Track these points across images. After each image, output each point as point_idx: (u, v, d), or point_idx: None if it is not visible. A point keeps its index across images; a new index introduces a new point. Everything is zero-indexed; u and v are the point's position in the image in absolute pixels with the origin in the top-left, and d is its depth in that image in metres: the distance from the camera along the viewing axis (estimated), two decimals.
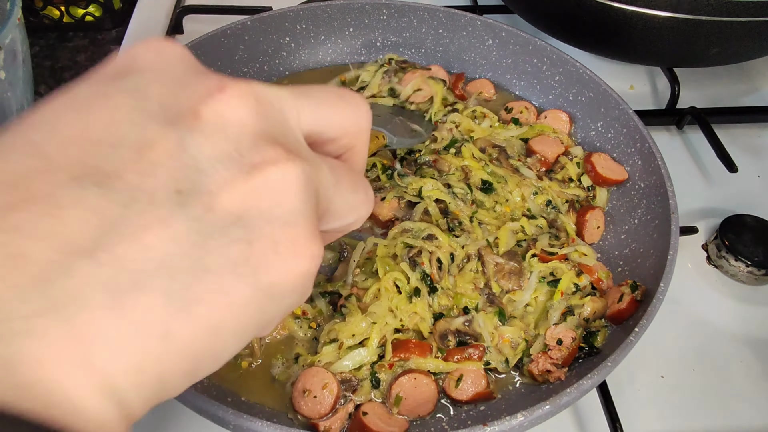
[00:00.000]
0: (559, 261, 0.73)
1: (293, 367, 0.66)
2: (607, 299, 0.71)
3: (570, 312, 0.69)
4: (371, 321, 0.67)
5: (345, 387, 0.64)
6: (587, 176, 0.83)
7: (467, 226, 0.76)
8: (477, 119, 0.89)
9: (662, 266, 0.65)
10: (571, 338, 0.66)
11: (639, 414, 0.69)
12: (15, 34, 0.70)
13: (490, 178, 0.80)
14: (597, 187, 0.83)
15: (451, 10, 0.96)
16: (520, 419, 0.53)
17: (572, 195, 0.82)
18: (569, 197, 0.81)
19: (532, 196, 0.80)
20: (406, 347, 0.66)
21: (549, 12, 0.97)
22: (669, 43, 0.88)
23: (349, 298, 0.69)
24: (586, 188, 0.83)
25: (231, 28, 0.91)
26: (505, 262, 0.73)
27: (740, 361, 0.74)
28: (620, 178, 0.81)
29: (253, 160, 0.29)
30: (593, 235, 0.79)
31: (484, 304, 0.70)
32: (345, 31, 0.99)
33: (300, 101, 0.34)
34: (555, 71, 0.91)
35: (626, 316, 0.67)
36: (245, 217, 0.29)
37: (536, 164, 0.84)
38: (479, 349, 0.67)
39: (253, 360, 0.66)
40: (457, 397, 0.65)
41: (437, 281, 0.70)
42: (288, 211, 0.30)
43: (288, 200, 0.30)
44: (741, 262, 0.78)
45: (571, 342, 0.66)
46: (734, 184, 0.92)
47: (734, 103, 1.06)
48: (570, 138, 0.88)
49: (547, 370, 0.65)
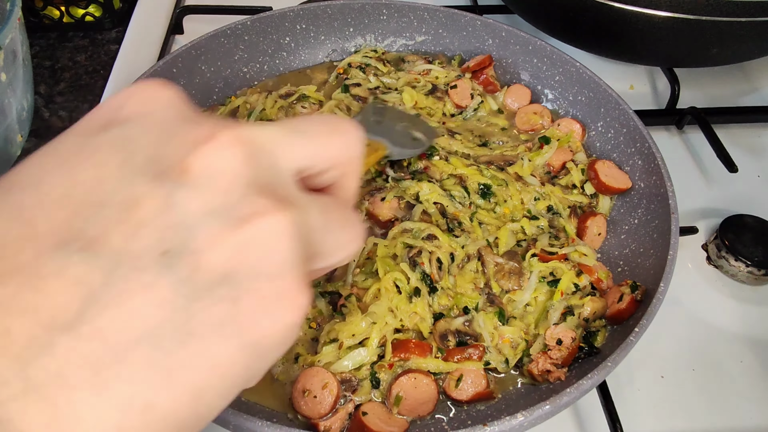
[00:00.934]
0: (558, 261, 0.73)
1: (293, 367, 0.66)
2: (607, 299, 0.71)
3: (570, 312, 0.69)
4: (371, 321, 0.67)
5: (345, 387, 0.64)
6: (590, 183, 0.82)
7: (467, 226, 0.76)
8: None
9: (662, 266, 0.65)
10: (571, 338, 0.66)
11: (639, 414, 0.69)
12: (15, 34, 0.70)
13: (490, 182, 0.79)
14: (600, 195, 0.82)
15: (451, 10, 0.96)
16: (520, 419, 0.53)
17: (575, 201, 0.81)
18: (571, 203, 0.81)
19: (533, 202, 0.79)
20: (406, 347, 0.66)
21: (549, 12, 0.97)
22: (669, 43, 0.88)
23: (349, 298, 0.69)
24: (589, 195, 0.82)
25: (231, 28, 0.91)
26: (505, 262, 0.73)
27: (740, 361, 0.74)
28: (623, 186, 0.80)
29: (242, 212, 0.28)
30: (594, 241, 0.78)
31: (484, 304, 0.70)
32: (345, 31, 0.99)
33: (292, 140, 0.33)
34: (555, 71, 0.91)
35: (626, 316, 0.67)
36: (231, 274, 0.28)
37: (541, 172, 0.83)
38: (479, 349, 0.67)
39: None
40: (457, 397, 0.65)
41: (437, 281, 0.70)
42: (276, 264, 0.29)
43: (276, 253, 0.29)
44: (741, 262, 0.78)
45: (570, 342, 0.66)
46: (734, 184, 0.92)
47: (734, 103, 1.06)
48: (583, 147, 0.87)
49: (547, 370, 0.65)
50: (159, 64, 0.84)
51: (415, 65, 0.96)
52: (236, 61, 0.93)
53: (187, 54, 0.87)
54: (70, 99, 1.03)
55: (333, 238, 0.34)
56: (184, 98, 0.33)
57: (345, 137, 0.36)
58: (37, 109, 1.00)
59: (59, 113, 1.01)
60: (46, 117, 1.00)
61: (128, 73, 1.03)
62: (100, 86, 1.03)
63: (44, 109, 1.01)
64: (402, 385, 0.64)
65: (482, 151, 0.85)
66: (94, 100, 1.01)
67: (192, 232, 0.27)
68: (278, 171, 0.32)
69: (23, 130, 0.77)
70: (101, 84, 1.03)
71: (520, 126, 0.91)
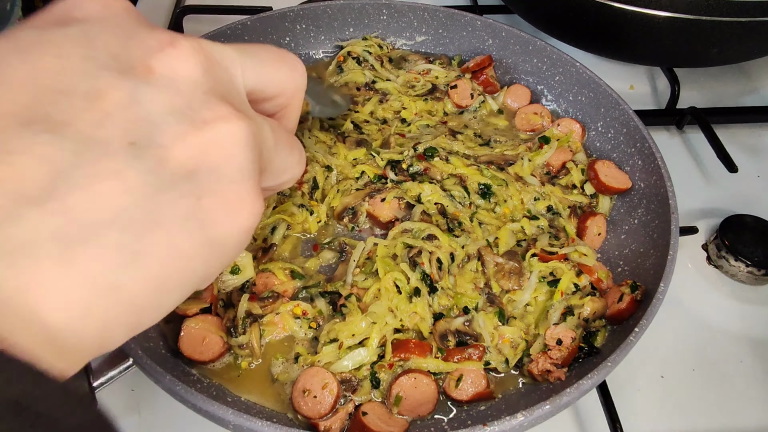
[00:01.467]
0: (558, 261, 0.73)
1: (293, 367, 0.66)
2: (607, 299, 0.71)
3: (570, 312, 0.69)
4: (371, 321, 0.67)
5: (345, 387, 0.64)
6: (590, 183, 0.82)
7: (467, 226, 0.76)
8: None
9: (662, 266, 0.65)
10: (571, 338, 0.66)
11: (639, 414, 0.69)
12: None
13: (490, 181, 0.79)
14: (600, 195, 0.82)
15: (451, 10, 0.96)
16: (520, 419, 0.53)
17: (574, 201, 0.81)
18: (571, 203, 0.81)
19: (533, 202, 0.79)
20: (406, 347, 0.66)
21: (549, 12, 0.97)
22: (669, 43, 0.88)
23: (349, 297, 0.69)
24: (589, 195, 0.82)
25: (231, 28, 0.91)
26: (505, 261, 0.73)
27: (740, 361, 0.74)
28: (623, 186, 0.80)
29: (205, 116, 0.30)
30: (594, 241, 0.78)
31: (484, 304, 0.70)
32: (345, 31, 0.99)
33: (245, 60, 0.35)
34: (555, 71, 0.91)
35: (626, 316, 0.67)
36: (195, 172, 0.29)
37: (541, 172, 0.83)
38: (479, 349, 0.67)
39: (253, 360, 0.66)
40: (457, 397, 0.65)
41: (437, 281, 0.70)
42: (235, 169, 0.31)
43: (236, 157, 0.31)
44: (741, 262, 0.78)
45: (570, 342, 0.66)
46: (734, 184, 0.92)
47: (734, 103, 1.06)
48: (583, 147, 0.87)
49: (547, 370, 0.65)
50: None
51: (416, 65, 0.96)
52: None
53: None
54: None
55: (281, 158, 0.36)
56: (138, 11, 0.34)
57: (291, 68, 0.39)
58: None
59: None
60: None
61: None
62: None
63: None
64: (402, 385, 0.64)
65: (483, 151, 0.85)
66: None
67: (158, 128, 0.28)
68: (233, 86, 0.33)
69: None
70: None
71: (520, 126, 0.91)
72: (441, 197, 0.77)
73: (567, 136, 0.87)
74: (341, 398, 0.63)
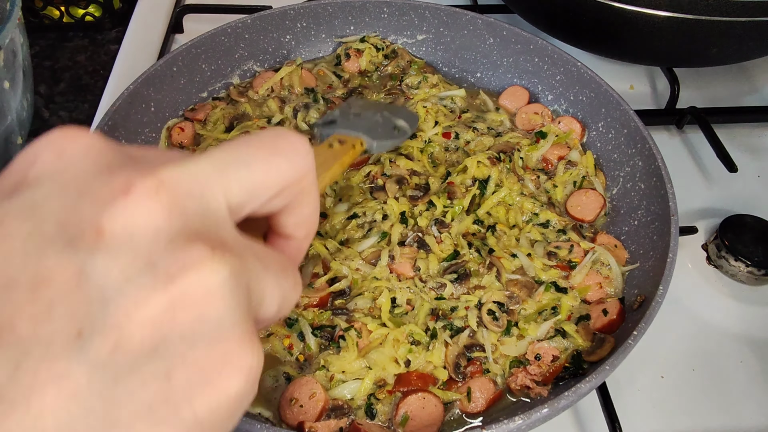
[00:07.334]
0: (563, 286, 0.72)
1: (284, 383, 0.64)
2: (592, 314, 0.70)
3: (562, 333, 0.68)
4: (367, 365, 0.64)
5: (336, 413, 0.61)
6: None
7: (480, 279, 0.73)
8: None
9: (662, 269, 0.65)
10: (552, 356, 0.66)
11: (639, 414, 0.69)
12: (15, 34, 0.70)
13: (493, 177, 0.79)
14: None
15: (453, 9, 0.96)
16: (518, 422, 0.53)
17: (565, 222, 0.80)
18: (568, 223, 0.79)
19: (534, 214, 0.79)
20: (408, 381, 0.64)
21: (549, 12, 0.96)
22: (669, 43, 0.88)
23: (348, 330, 0.66)
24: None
25: (231, 27, 0.91)
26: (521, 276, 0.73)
27: (740, 361, 0.74)
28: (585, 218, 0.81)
29: (168, 270, 0.25)
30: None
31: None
32: (346, 30, 0.99)
33: (226, 172, 0.29)
34: (556, 71, 0.91)
35: (615, 328, 0.68)
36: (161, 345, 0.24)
37: (538, 170, 0.84)
38: (476, 364, 0.66)
39: None
40: (474, 410, 0.63)
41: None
42: (214, 324, 0.25)
43: (214, 309, 0.25)
44: (741, 262, 0.78)
45: (551, 360, 0.65)
46: (734, 184, 0.92)
47: (734, 103, 1.06)
48: (580, 146, 0.87)
49: (526, 386, 0.64)
50: (159, 63, 0.84)
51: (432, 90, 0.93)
52: (236, 59, 0.93)
53: (187, 53, 0.87)
54: (70, 99, 1.03)
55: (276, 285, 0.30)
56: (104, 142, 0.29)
57: (288, 155, 0.32)
58: (37, 109, 1.00)
59: (59, 113, 1.01)
60: (46, 117, 1.00)
61: (128, 73, 1.03)
62: (100, 86, 1.03)
63: (44, 109, 1.01)
64: (410, 404, 0.62)
65: (489, 141, 0.86)
66: (94, 100, 1.01)
67: (111, 304, 0.24)
68: (209, 215, 0.28)
69: (23, 131, 0.77)
70: (101, 84, 1.03)
71: (521, 126, 0.91)
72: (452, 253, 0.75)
73: (566, 134, 0.87)
74: (332, 414, 0.61)
